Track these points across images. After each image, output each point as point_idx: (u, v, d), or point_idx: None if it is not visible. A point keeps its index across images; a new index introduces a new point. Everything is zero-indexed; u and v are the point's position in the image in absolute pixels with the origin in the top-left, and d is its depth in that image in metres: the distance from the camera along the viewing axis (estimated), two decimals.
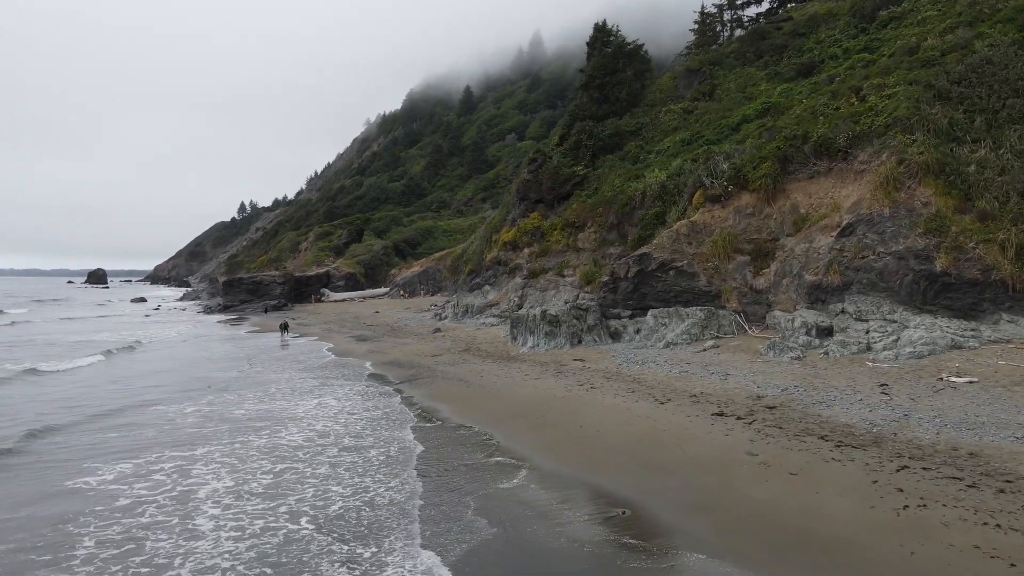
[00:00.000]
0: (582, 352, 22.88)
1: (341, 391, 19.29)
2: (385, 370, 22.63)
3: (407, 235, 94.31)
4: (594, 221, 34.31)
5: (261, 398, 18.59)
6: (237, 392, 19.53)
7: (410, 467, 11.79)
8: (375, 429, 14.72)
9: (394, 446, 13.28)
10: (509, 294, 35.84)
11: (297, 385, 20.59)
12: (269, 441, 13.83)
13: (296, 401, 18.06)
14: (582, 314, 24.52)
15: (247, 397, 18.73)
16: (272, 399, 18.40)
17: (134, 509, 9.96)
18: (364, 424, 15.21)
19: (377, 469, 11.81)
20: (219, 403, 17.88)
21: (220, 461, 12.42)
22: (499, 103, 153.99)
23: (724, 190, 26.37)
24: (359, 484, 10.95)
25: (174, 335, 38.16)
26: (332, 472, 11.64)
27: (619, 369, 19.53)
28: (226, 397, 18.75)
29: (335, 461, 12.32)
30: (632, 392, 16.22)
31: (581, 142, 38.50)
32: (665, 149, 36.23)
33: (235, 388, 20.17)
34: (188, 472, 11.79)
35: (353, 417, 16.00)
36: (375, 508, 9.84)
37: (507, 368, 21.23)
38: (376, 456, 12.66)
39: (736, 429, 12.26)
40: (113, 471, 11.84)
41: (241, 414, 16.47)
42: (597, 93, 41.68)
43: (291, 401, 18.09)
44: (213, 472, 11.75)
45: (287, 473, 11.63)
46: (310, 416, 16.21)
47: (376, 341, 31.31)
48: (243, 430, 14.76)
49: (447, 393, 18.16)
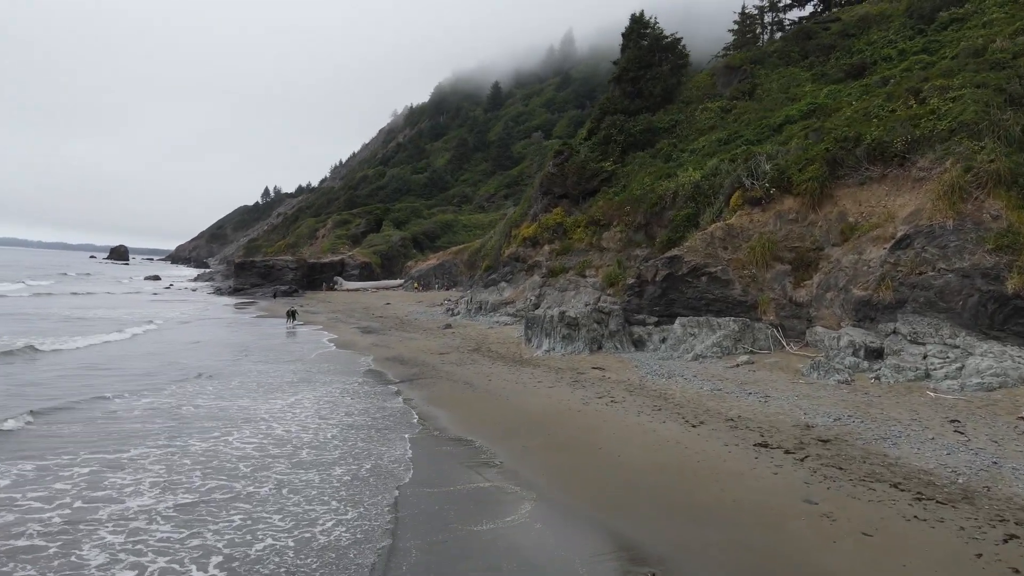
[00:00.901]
0: (602, 360, 20.92)
1: (326, 389, 17.33)
2: (385, 367, 20.82)
3: (426, 228, 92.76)
4: (620, 220, 32.27)
5: (229, 392, 16.71)
6: (208, 383, 17.54)
7: (384, 492, 9.81)
8: (350, 439, 12.77)
9: (368, 463, 11.25)
10: (526, 292, 33.94)
11: (280, 378, 18.66)
12: (213, 447, 11.86)
13: (267, 398, 16.09)
14: (604, 318, 22.55)
15: (209, 390, 16.80)
16: (239, 394, 16.44)
17: (11, 528, 8.17)
18: (339, 431, 13.26)
19: (336, 493, 9.75)
20: (179, 395, 16.01)
21: (147, 469, 10.49)
22: (527, 100, 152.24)
23: (765, 192, 24.24)
24: (305, 515, 8.88)
25: (175, 316, 36.73)
26: (275, 494, 9.63)
27: (643, 382, 17.54)
28: (188, 389, 16.89)
29: (284, 479, 10.30)
30: (658, 410, 14.23)
31: (611, 137, 36.45)
32: (700, 148, 34.09)
33: (209, 378, 18.13)
34: (100, 482, 9.87)
35: (328, 422, 13.95)
36: (312, 554, 7.75)
37: (518, 373, 19.33)
38: (341, 476, 10.56)
39: (786, 466, 10.24)
40: (9, 475, 9.98)
41: (194, 411, 14.57)
42: (630, 87, 39.59)
43: (261, 398, 16.12)
44: (132, 484, 9.84)
45: (217, 492, 9.65)
46: (275, 417, 14.22)
47: (382, 334, 29.56)
48: (189, 431, 12.88)
49: (449, 397, 16.29)
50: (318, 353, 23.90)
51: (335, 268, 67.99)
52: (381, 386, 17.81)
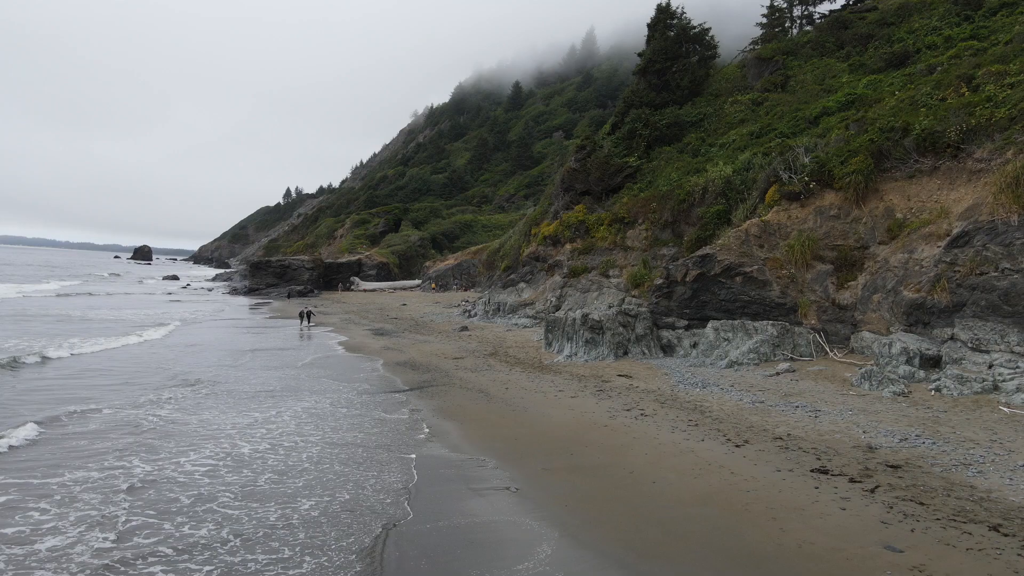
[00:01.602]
0: (628, 366, 19.35)
1: (317, 399, 15.77)
2: (395, 372, 19.42)
3: (446, 228, 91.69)
4: (646, 217, 30.66)
5: (203, 403, 15.07)
6: (188, 392, 16.12)
7: (358, 533, 8.09)
8: (329, 461, 10.96)
9: (345, 493, 9.46)
10: (546, 293, 32.44)
11: (272, 385, 17.10)
12: (157, 470, 10.24)
13: (245, 410, 14.45)
14: (630, 321, 20.98)
15: (185, 401, 15.16)
16: (214, 405, 14.79)
17: None
18: (319, 451, 11.51)
19: (292, 536, 7.98)
20: (148, 406, 14.51)
21: (76, 500, 8.94)
22: (548, 100, 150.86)
23: (804, 187, 22.51)
24: (239, 571, 7.14)
25: (186, 317, 35.73)
26: (211, 538, 7.84)
27: (675, 392, 15.96)
28: (162, 396, 15.51)
29: (230, 516, 8.52)
30: (695, 426, 12.67)
31: (636, 131, 34.82)
32: (731, 142, 32.35)
33: (191, 386, 16.80)
34: (10, 515, 8.41)
35: (307, 440, 12.16)
36: None
37: (538, 380, 17.84)
38: (307, 511, 8.71)
39: (854, 499, 8.65)
40: None
41: (155, 425, 12.98)
42: (656, 79, 37.90)
43: (236, 409, 14.48)
44: (51, 519, 8.30)
45: (140, 534, 7.94)
46: (244, 433, 12.51)
47: (395, 336, 28.23)
48: (138, 449, 11.32)
49: (462, 408, 14.84)
50: (322, 357, 22.55)
51: (352, 268, 66.95)
52: (385, 395, 16.36)
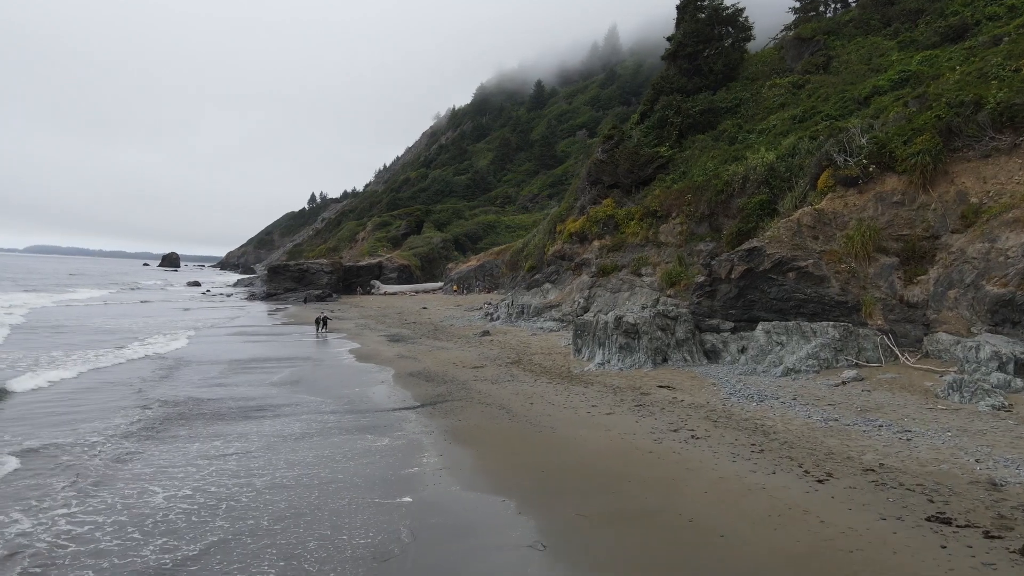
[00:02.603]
0: (669, 375, 17.10)
1: (310, 420, 13.41)
2: (407, 385, 17.38)
3: (468, 229, 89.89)
4: (680, 210, 28.32)
5: (170, 431, 12.45)
6: (157, 414, 13.80)
7: None
8: (290, 510, 8.44)
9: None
10: (573, 294, 30.24)
11: (259, 403, 15.05)
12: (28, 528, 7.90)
13: (212, 437, 12.01)
14: (669, 324, 18.71)
15: (138, 431, 12.39)
16: (174, 435, 12.18)
17: None
18: (253, 497, 8.96)
19: None
20: (91, 437, 11.91)
21: None
22: (571, 98, 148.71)
23: (862, 170, 20.09)
24: None
25: (197, 324, 34.16)
26: None
27: (728, 407, 13.69)
28: (117, 423, 12.99)
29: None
30: (760, 452, 10.42)
31: (667, 119, 32.49)
32: (771, 127, 29.90)
33: (171, 406, 14.50)
34: None
35: (252, 483, 9.50)
36: None
37: (567, 393, 15.69)
38: None
39: (1002, 566, 6.38)
40: None
41: (81, 462, 10.41)
42: (687, 64, 35.50)
43: (203, 438, 11.94)
44: None
45: None
46: (164, 472, 9.97)
47: (411, 343, 26.24)
48: (33, 492, 9.12)
49: (479, 429, 12.74)
50: (327, 368, 20.54)
51: (372, 271, 65.27)
52: (391, 413, 14.22)
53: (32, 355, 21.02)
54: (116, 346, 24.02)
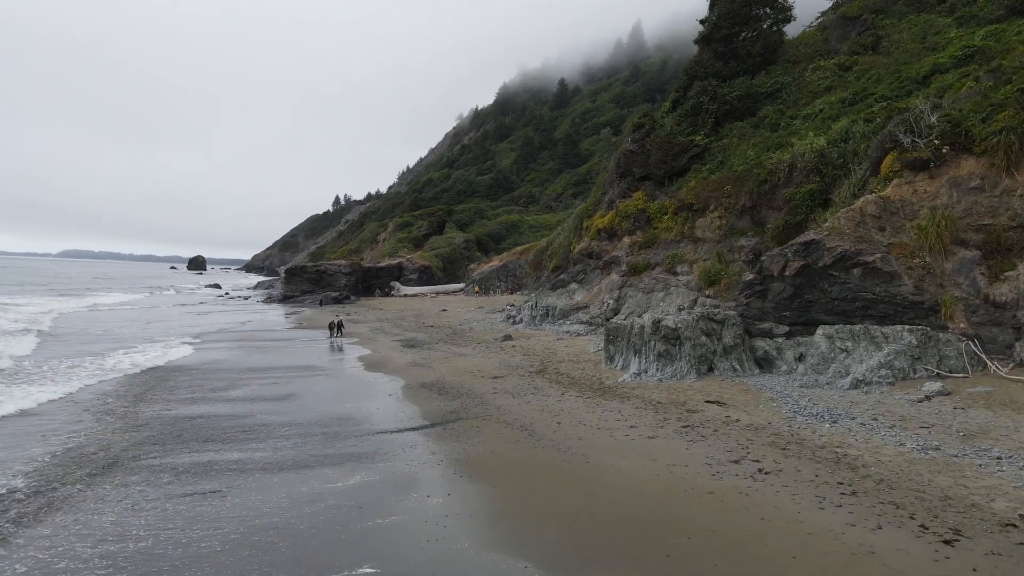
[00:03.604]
0: (717, 387, 14.83)
1: (282, 448, 11.22)
2: (416, 399, 15.32)
3: (491, 229, 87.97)
4: (719, 203, 25.96)
5: (97, 483, 9.45)
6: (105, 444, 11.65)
7: None
8: None
9: None
10: (602, 295, 28.01)
11: (231, 432, 12.71)
12: None
13: (165, 483, 9.45)
14: (715, 328, 16.41)
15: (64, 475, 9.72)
16: (103, 485, 9.43)
17: None
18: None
19: None
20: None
21: None
22: (595, 96, 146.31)
23: (934, 152, 17.60)
24: None
25: (205, 330, 32.53)
26: None
27: (795, 428, 11.40)
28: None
29: None
30: (852, 494, 8.17)
31: (701, 105, 30.10)
32: (817, 112, 27.40)
33: (118, 435, 12.56)
34: None
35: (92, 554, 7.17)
36: None
37: (600, 409, 13.51)
38: None
39: None
40: None
41: None
42: (722, 47, 33.06)
43: (150, 485, 9.41)
44: None
45: None
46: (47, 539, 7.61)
47: (427, 348, 24.22)
48: None
49: (496, 457, 10.62)
50: (329, 381, 18.53)
51: (392, 272, 63.50)
52: (392, 436, 12.19)
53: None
54: (111, 354, 22.37)
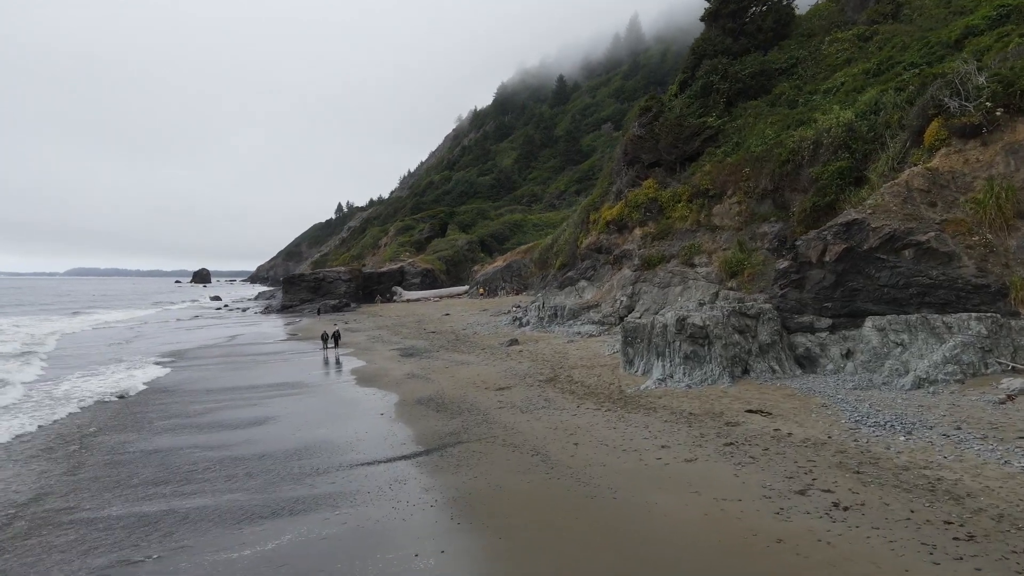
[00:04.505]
0: (756, 392, 12.84)
1: (222, 497, 9.47)
2: (410, 418, 13.38)
3: (494, 229, 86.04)
4: (737, 187, 23.96)
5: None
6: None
7: None
8: None
9: None
10: (613, 292, 26.03)
11: (191, 456, 11.21)
12: None
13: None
14: (748, 324, 14.42)
15: None
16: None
17: None
18: None
19: None
20: None
21: None
22: (594, 92, 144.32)
23: (985, 116, 15.58)
24: None
25: (192, 345, 30.72)
26: None
27: (861, 443, 9.40)
28: None
29: None
30: (969, 539, 6.21)
31: (711, 85, 28.10)
32: (839, 85, 25.37)
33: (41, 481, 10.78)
34: None
35: None
36: None
37: (623, 424, 11.55)
38: None
39: None
40: None
41: None
42: (730, 23, 31.06)
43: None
44: None
45: None
46: None
47: (427, 357, 22.29)
48: None
49: (502, 492, 8.68)
50: (315, 398, 16.58)
51: (394, 277, 61.60)
52: (374, 471, 10.27)
53: None
54: (80, 377, 20.57)
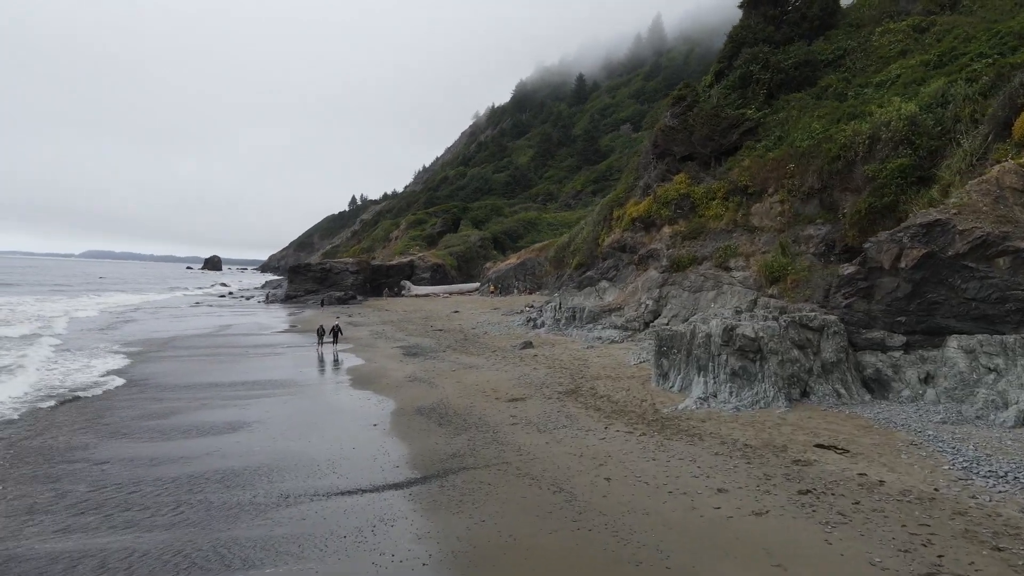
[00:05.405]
0: (821, 420, 10.71)
1: (156, 539, 7.78)
2: (408, 431, 11.34)
3: (508, 226, 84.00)
4: (779, 185, 21.76)
5: None
6: None
7: None
8: None
9: None
10: (638, 294, 23.91)
11: (139, 472, 9.37)
12: None
13: None
14: (810, 339, 12.27)
15: None
16: None
17: None
18: None
19: None
20: None
21: None
22: (614, 92, 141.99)
23: None
24: None
25: (175, 334, 28.86)
26: None
27: (984, 500, 7.25)
28: None
29: None
30: None
31: (751, 75, 25.91)
32: (894, 78, 23.12)
33: None
34: None
35: None
36: None
37: (662, 454, 9.47)
38: None
39: None
40: None
41: None
42: (772, 9, 28.85)
43: None
44: None
45: None
46: None
47: (431, 358, 20.26)
48: None
49: (517, 547, 6.62)
50: (304, 400, 14.58)
51: (403, 271, 59.61)
52: (360, 502, 8.17)
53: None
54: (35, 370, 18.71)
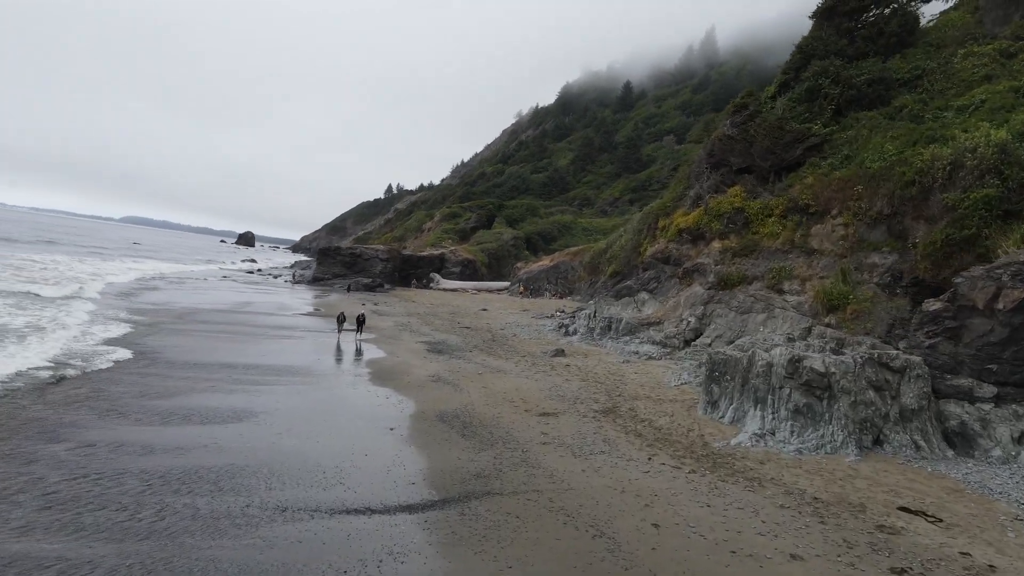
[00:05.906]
0: (898, 475, 9.34)
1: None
2: (428, 439, 10.20)
3: (542, 228, 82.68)
4: (844, 207, 20.23)
5: None
6: None
7: None
8: None
9: None
10: (680, 310, 22.52)
11: (125, 464, 8.41)
12: None
13: None
14: (888, 381, 10.86)
15: None
16: None
17: None
18: None
19: None
20: None
21: None
22: (660, 102, 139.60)
23: None
24: None
25: (202, 307, 28.15)
26: None
27: None
28: None
29: None
30: None
31: (819, 88, 24.34)
32: (978, 103, 21.45)
33: None
34: None
35: None
36: None
37: (717, 500, 8.21)
38: None
39: None
40: None
41: None
42: (847, 22, 27.20)
43: None
44: None
45: None
46: None
47: (457, 357, 19.13)
48: None
49: None
50: (320, 392, 13.50)
51: (433, 263, 58.69)
52: (362, 526, 7.03)
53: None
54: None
